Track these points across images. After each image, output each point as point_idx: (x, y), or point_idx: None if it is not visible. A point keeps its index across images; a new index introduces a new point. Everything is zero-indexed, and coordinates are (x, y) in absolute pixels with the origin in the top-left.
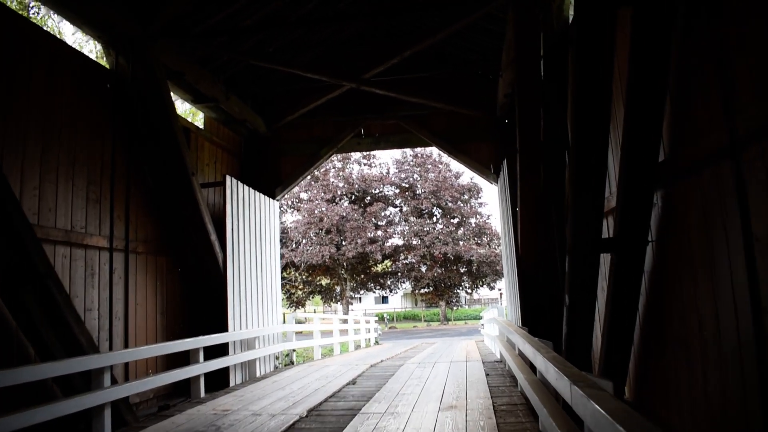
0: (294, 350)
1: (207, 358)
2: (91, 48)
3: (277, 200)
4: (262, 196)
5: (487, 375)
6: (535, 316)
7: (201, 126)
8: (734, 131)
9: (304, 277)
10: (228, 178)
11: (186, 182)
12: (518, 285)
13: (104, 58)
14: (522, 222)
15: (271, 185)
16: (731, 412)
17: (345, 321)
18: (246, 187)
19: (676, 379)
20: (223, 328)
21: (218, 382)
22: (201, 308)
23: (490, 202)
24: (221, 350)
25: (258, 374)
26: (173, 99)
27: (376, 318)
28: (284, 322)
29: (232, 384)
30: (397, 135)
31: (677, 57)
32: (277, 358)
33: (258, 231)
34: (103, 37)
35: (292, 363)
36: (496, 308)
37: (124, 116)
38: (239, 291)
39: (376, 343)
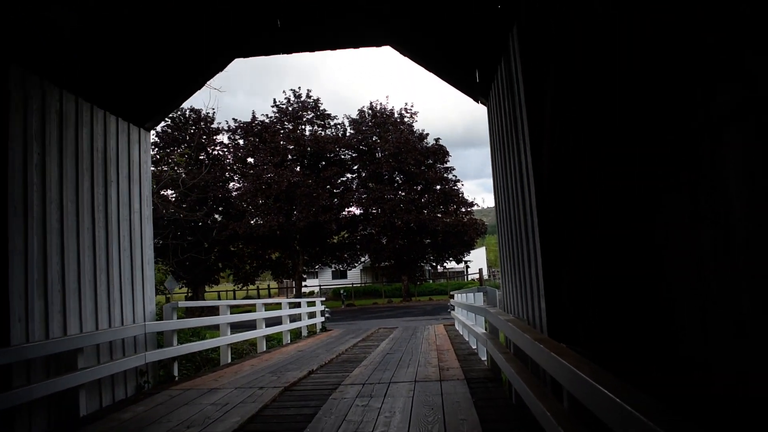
0: (175, 360)
1: None
2: None
3: (148, 128)
4: (112, 117)
5: (481, 422)
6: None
7: None
8: None
9: (251, 250)
10: (18, 70)
11: None
12: (540, 252)
13: None
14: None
15: (140, 106)
16: None
17: (278, 305)
18: (75, 98)
19: None
20: (2, 337)
21: None
22: None
23: (458, 165)
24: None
25: (85, 412)
26: None
27: (323, 299)
28: (159, 316)
29: None
30: (333, 27)
31: None
32: (143, 374)
33: (103, 172)
34: None
35: (174, 378)
36: (483, 291)
37: None
38: (43, 268)
39: (323, 329)
